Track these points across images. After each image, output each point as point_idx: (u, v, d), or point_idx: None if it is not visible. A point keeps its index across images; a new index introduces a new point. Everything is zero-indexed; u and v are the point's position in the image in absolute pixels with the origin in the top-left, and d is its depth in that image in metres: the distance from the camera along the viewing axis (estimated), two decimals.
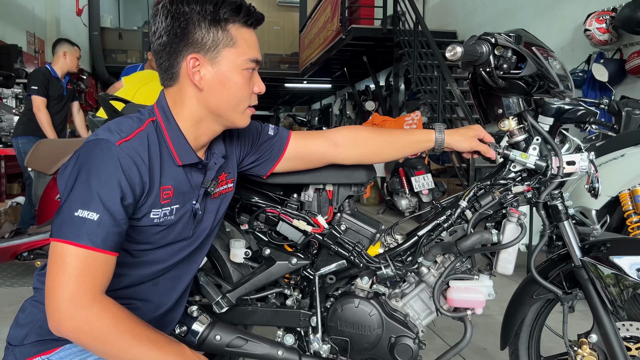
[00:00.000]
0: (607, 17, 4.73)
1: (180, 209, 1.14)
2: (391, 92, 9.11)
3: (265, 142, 1.35)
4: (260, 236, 1.49)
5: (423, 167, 5.27)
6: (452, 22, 8.47)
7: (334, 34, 9.41)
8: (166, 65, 1.11)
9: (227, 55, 1.09)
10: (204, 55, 1.08)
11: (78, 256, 0.93)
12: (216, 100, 1.11)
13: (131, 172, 1.00)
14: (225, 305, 1.47)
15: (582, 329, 1.41)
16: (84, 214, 0.94)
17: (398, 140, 1.40)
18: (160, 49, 1.10)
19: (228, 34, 1.09)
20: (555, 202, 1.34)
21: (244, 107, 1.15)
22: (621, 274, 1.27)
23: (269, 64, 15.96)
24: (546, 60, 1.26)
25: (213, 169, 1.21)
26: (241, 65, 1.10)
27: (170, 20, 1.06)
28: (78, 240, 0.93)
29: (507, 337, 1.51)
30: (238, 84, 1.11)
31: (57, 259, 0.94)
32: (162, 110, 1.13)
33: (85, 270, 0.94)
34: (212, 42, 1.07)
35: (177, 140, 1.12)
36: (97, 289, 0.95)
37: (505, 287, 1.98)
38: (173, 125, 1.12)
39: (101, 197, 0.95)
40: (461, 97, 5.89)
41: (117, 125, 1.05)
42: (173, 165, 1.11)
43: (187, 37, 1.07)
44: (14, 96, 5.77)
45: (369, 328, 1.41)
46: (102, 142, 1.00)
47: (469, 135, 1.37)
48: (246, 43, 1.11)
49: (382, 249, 1.48)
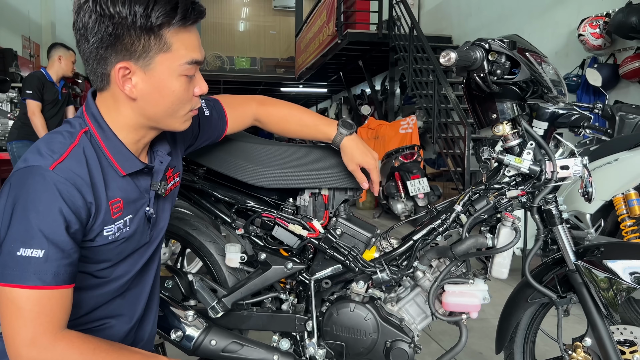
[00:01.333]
0: (601, 22, 4.77)
1: (133, 218, 1.06)
2: (387, 96, 9.14)
3: (206, 124, 1.31)
4: (255, 241, 1.49)
5: (419, 171, 5.28)
6: (447, 27, 8.51)
7: (329, 39, 9.44)
8: (94, 69, 0.98)
9: (161, 62, 0.96)
10: (135, 62, 0.96)
11: (30, 298, 0.87)
12: (152, 108, 1.00)
13: (72, 197, 0.91)
14: (220, 310, 1.46)
15: (577, 333, 1.41)
16: (27, 253, 0.87)
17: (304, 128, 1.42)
18: (86, 52, 0.97)
19: (162, 39, 0.95)
20: (549, 207, 1.35)
21: (183, 112, 1.04)
22: (615, 277, 1.27)
23: (265, 68, 16.00)
24: (539, 66, 1.27)
25: (160, 170, 1.13)
26: (178, 71, 0.98)
27: (95, 23, 0.93)
28: (26, 282, 0.87)
29: (502, 341, 1.52)
30: (175, 91, 1.00)
31: (7, 304, 0.87)
32: (93, 118, 1.01)
33: (41, 311, 0.88)
34: (142, 49, 0.95)
35: (115, 150, 1.02)
36: (56, 327, 0.90)
37: (501, 290, 1.98)
38: (109, 134, 1.01)
39: (43, 232, 0.88)
40: (456, 102, 5.92)
41: (47, 145, 0.94)
42: (117, 177, 1.02)
43: (115, 43, 0.94)
44: (9, 100, 5.75)
45: (364, 332, 1.41)
46: (33, 169, 0.90)
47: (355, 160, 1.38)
48: (183, 46, 0.98)
49: (377, 253, 1.49)
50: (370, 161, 1.39)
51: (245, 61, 16.20)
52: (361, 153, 1.38)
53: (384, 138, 6.66)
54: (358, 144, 1.38)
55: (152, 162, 1.12)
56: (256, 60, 16.49)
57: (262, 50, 17.71)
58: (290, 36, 16.12)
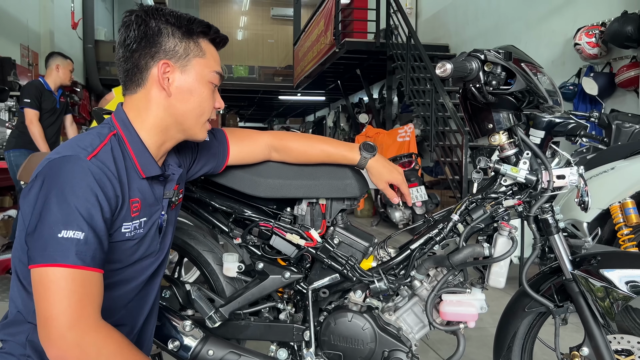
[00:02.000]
0: (597, 32, 4.80)
1: (147, 221, 1.13)
2: (384, 104, 9.16)
3: (205, 150, 1.36)
4: (253, 250, 1.49)
5: (416, 179, 5.29)
6: (444, 36, 8.56)
7: (327, 47, 9.48)
8: (134, 71, 1.11)
9: (196, 65, 1.13)
10: (175, 62, 1.11)
11: (74, 279, 0.90)
12: (183, 107, 1.13)
13: (105, 186, 0.98)
14: (218, 320, 1.46)
15: (574, 342, 1.41)
16: (69, 234, 0.90)
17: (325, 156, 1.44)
18: (128, 55, 1.10)
19: (199, 45, 1.14)
20: (545, 216, 1.35)
21: (205, 119, 1.17)
22: (612, 287, 1.27)
23: (263, 76, 16.03)
24: (535, 76, 1.28)
25: (173, 180, 1.21)
26: (207, 77, 1.15)
27: (144, 29, 1.09)
28: (69, 262, 0.90)
29: (499, 350, 1.52)
30: (204, 94, 1.15)
31: (50, 286, 0.89)
32: (122, 122, 1.11)
33: (84, 292, 0.91)
34: (184, 51, 1.11)
35: (140, 153, 1.11)
36: (97, 312, 0.93)
37: (498, 299, 1.99)
38: (135, 137, 1.11)
39: (82, 214, 0.92)
40: (454, 110, 5.94)
41: (80, 142, 1.03)
42: (137, 178, 1.10)
43: (160, 45, 1.10)
44: (7, 109, 5.76)
45: (362, 342, 1.41)
46: (71, 158, 0.97)
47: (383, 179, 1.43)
48: (213, 57, 1.17)
49: (375, 262, 1.49)
50: (397, 177, 1.45)
51: (244, 70, 16.24)
52: (388, 171, 1.44)
53: (382, 146, 6.67)
54: (384, 164, 1.44)
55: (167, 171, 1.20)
56: (254, 68, 16.53)
57: (260, 59, 17.77)
58: (289, 45, 16.19)
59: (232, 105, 17.71)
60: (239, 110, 18.76)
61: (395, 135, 6.60)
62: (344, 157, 1.43)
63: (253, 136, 1.43)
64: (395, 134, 6.65)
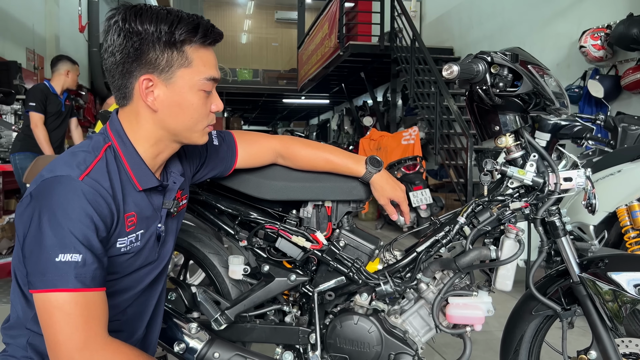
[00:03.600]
0: (602, 34, 4.79)
1: (145, 233, 1.10)
2: (389, 107, 9.17)
3: (213, 154, 1.34)
4: (259, 252, 1.49)
5: (421, 182, 5.28)
6: (448, 39, 8.56)
7: (331, 51, 9.48)
8: (119, 84, 1.06)
9: (182, 76, 1.04)
10: (158, 75, 1.03)
11: (77, 302, 0.90)
12: (173, 121, 1.07)
13: (99, 205, 0.96)
14: (224, 322, 1.46)
15: (582, 345, 1.40)
16: (67, 258, 0.89)
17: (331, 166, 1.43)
18: (112, 67, 1.05)
19: (183, 54, 1.04)
20: (552, 219, 1.35)
21: (202, 127, 1.11)
22: (619, 290, 1.27)
23: (267, 79, 16.07)
24: (542, 78, 1.27)
25: (173, 189, 1.18)
26: (197, 86, 1.06)
27: (123, 39, 1.01)
28: (70, 286, 0.89)
29: (506, 354, 1.51)
30: (194, 104, 1.07)
31: (54, 312, 0.89)
32: (117, 133, 1.07)
33: (89, 315, 0.91)
34: (166, 63, 1.03)
35: (135, 165, 1.07)
36: (104, 330, 0.93)
37: (504, 302, 1.98)
38: (130, 149, 1.07)
39: (78, 237, 0.91)
40: (458, 113, 5.93)
41: (73, 158, 0.99)
42: (134, 191, 1.07)
43: (140, 57, 1.02)
44: (13, 112, 5.78)
45: (368, 345, 1.40)
46: (62, 178, 0.94)
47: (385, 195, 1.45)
48: (202, 62, 1.06)
49: (381, 265, 1.48)
50: (399, 195, 1.46)
51: (248, 73, 16.29)
52: (391, 188, 1.45)
53: (386, 149, 6.67)
54: (388, 180, 1.44)
55: (166, 181, 1.17)
56: (258, 72, 16.58)
57: (264, 62, 17.81)
58: (293, 48, 16.23)
59: (236, 108, 17.77)
60: (243, 114, 18.81)
61: (400, 138, 6.60)
62: (349, 169, 1.43)
63: (261, 140, 1.42)
64: (399, 137, 6.64)
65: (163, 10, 1.03)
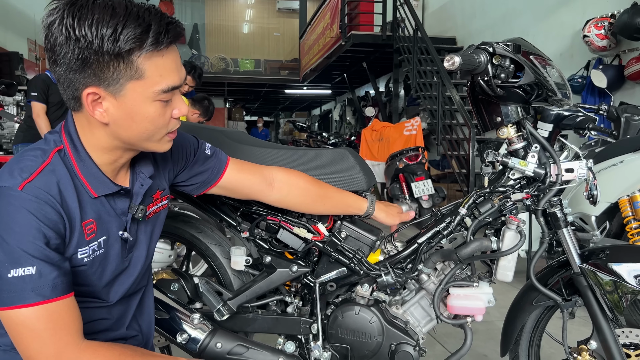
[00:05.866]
0: (606, 24, 4.76)
1: (108, 240, 1.02)
2: (391, 98, 9.14)
3: (201, 161, 1.25)
4: (260, 244, 1.49)
5: (423, 172, 5.27)
6: (451, 28, 8.51)
7: (333, 40, 9.44)
8: (67, 92, 0.94)
9: (133, 88, 0.91)
10: (106, 88, 0.90)
11: (39, 317, 0.85)
12: (125, 133, 0.96)
13: (46, 214, 0.88)
14: (226, 313, 1.47)
15: (582, 336, 1.41)
16: (19, 272, 0.84)
17: (331, 200, 1.41)
18: (59, 76, 0.92)
19: (132, 65, 0.89)
20: (554, 210, 1.35)
21: (159, 136, 1.00)
22: (620, 281, 1.27)
23: (269, 70, 16.02)
24: (544, 69, 1.27)
25: (139, 193, 1.08)
26: (152, 98, 0.93)
27: (62, 46, 0.88)
28: (27, 301, 0.84)
29: (507, 344, 1.52)
30: (149, 116, 0.95)
31: (19, 329, 0.86)
32: (69, 137, 0.98)
33: (55, 326, 0.87)
34: (112, 76, 0.89)
35: (88, 172, 0.98)
36: (76, 338, 0.90)
37: (505, 293, 1.98)
38: (83, 154, 0.98)
39: (27, 251, 0.85)
40: (461, 103, 5.91)
41: (19, 164, 0.91)
42: (90, 198, 0.98)
43: (82, 68, 0.88)
44: (15, 103, 5.78)
45: (369, 335, 1.41)
46: (5, 192, 0.87)
47: (393, 213, 1.51)
48: (157, 72, 0.92)
49: (382, 256, 1.49)
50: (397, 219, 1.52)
51: (250, 63, 16.24)
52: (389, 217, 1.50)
53: (388, 140, 6.65)
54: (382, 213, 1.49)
55: (133, 183, 1.08)
56: (260, 62, 16.52)
57: (266, 52, 17.73)
58: (294, 38, 16.14)
59: (238, 99, 17.73)
60: (245, 104, 18.76)
61: (402, 129, 6.58)
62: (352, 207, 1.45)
63: (256, 166, 1.35)
64: (401, 128, 6.62)
65: (108, 7, 0.87)
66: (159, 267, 2.25)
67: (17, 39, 8.19)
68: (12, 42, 7.86)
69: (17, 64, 6.82)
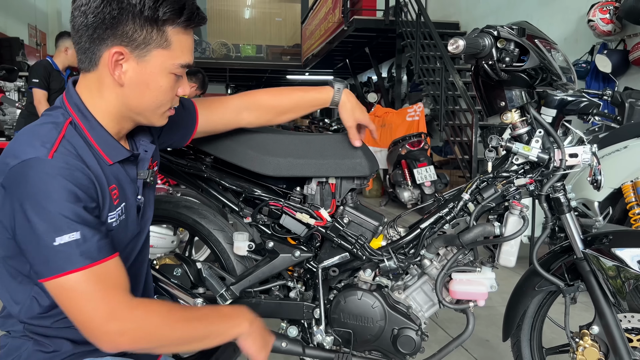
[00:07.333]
0: (611, 8, 4.70)
1: (127, 205, 1.07)
2: (393, 83, 9.09)
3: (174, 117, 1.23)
4: (263, 229, 1.49)
5: (425, 159, 5.26)
6: (454, 13, 8.43)
7: (335, 25, 9.38)
8: (85, 47, 0.98)
9: (157, 56, 0.98)
10: (131, 50, 0.96)
11: (89, 278, 0.89)
12: (136, 99, 1.01)
13: (78, 179, 0.91)
14: (229, 298, 1.48)
15: (584, 321, 1.41)
16: (65, 239, 0.87)
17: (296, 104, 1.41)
18: (81, 28, 0.96)
19: (164, 35, 0.97)
20: (557, 195, 1.34)
21: (164, 109, 1.06)
22: (623, 266, 1.27)
23: (271, 55, 15.92)
24: (549, 53, 1.26)
25: (146, 158, 1.13)
26: (169, 69, 1.00)
27: (101, 3, 0.93)
28: (77, 265, 0.88)
29: (509, 329, 1.52)
30: (162, 87, 1.01)
31: (70, 294, 0.89)
32: (76, 108, 1.00)
33: (105, 285, 0.90)
34: (143, 40, 0.96)
35: (101, 140, 1.01)
36: (126, 295, 0.93)
37: (508, 278, 1.99)
38: (93, 123, 1.01)
39: (68, 216, 0.88)
40: (464, 89, 5.87)
41: (34, 138, 0.93)
42: (106, 165, 1.02)
43: (116, 27, 0.94)
44: (17, 89, 5.77)
45: (372, 320, 1.42)
46: (31, 162, 0.89)
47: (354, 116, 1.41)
48: (181, 47, 1.00)
49: (384, 241, 1.49)
50: (367, 116, 1.44)
51: (251, 49, 16.14)
52: (360, 109, 1.42)
53: (391, 126, 6.63)
54: (355, 101, 1.42)
55: (137, 150, 1.12)
56: (262, 47, 16.41)
57: (267, 38, 17.62)
58: (296, 23, 16.03)
59: (239, 85, 17.66)
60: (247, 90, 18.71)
61: (405, 115, 6.55)
62: (316, 100, 1.40)
63: (222, 101, 1.37)
64: (404, 114, 6.60)
65: None
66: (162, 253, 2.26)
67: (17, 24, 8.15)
68: (12, 28, 7.82)
69: (17, 49, 6.79)
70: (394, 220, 1.54)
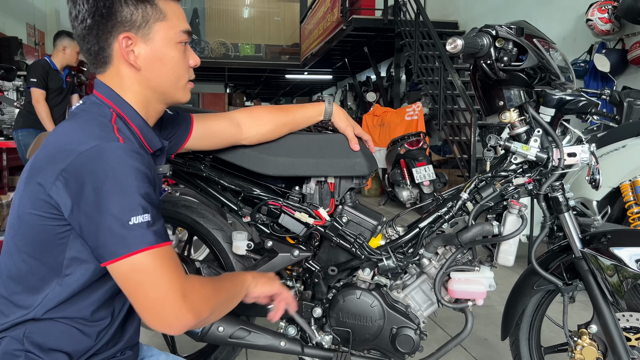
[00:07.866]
0: (609, 7, 4.70)
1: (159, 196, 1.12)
2: (392, 83, 9.09)
3: (169, 120, 1.30)
4: (262, 228, 1.49)
5: (424, 158, 5.27)
6: (453, 12, 8.43)
7: (334, 25, 9.37)
8: (96, 49, 1.03)
9: (159, 30, 1.05)
10: (136, 33, 1.02)
11: (161, 256, 0.92)
12: (156, 77, 1.06)
13: (147, 164, 0.96)
14: None
15: (583, 320, 1.42)
16: (139, 219, 0.90)
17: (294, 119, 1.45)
18: (86, 32, 1.02)
19: (157, 8, 1.04)
20: (556, 194, 1.35)
21: (184, 81, 1.12)
22: (621, 265, 1.27)
23: (270, 54, 15.89)
24: (547, 52, 1.26)
25: (164, 153, 1.20)
26: (174, 39, 1.06)
27: (92, 3, 0.99)
28: (153, 243, 0.91)
29: (507, 328, 1.53)
30: (175, 58, 1.07)
31: (144, 270, 0.91)
32: (115, 100, 1.05)
33: (172, 263, 0.94)
34: (142, 19, 1.02)
35: (143, 128, 1.07)
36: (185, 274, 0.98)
37: (506, 278, 1.99)
38: (132, 112, 1.06)
39: (143, 196, 0.91)
40: (462, 88, 5.88)
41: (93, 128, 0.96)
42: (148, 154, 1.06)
43: (115, 16, 1.00)
44: (15, 89, 5.76)
45: (370, 319, 1.42)
46: (106, 145, 0.92)
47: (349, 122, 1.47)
48: (175, 15, 1.07)
49: (383, 240, 1.49)
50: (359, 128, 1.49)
51: (250, 48, 16.10)
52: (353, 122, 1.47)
53: (390, 125, 6.64)
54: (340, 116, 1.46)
55: None
56: (261, 47, 16.38)
57: (266, 37, 17.58)
58: (295, 22, 16.00)
59: (238, 84, 17.64)
60: (246, 90, 18.68)
61: (403, 114, 6.56)
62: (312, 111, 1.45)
63: (219, 114, 1.41)
64: (403, 113, 6.61)
65: None
66: None
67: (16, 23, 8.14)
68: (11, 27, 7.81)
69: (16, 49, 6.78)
70: (392, 219, 1.54)
